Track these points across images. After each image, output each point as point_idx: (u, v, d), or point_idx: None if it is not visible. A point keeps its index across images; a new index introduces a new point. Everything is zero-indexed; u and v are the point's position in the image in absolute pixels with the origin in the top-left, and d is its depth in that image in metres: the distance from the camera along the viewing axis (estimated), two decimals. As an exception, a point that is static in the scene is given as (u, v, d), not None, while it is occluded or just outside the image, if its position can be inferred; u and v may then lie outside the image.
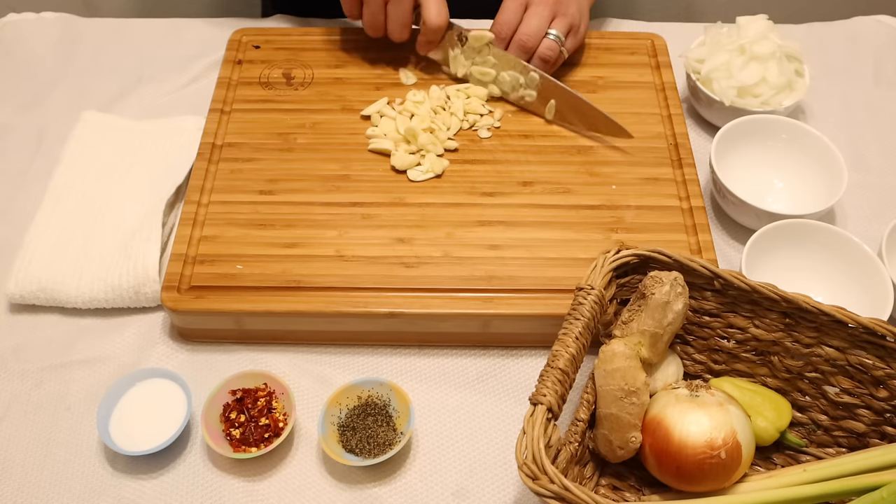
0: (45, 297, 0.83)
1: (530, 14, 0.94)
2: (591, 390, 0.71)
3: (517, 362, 0.82)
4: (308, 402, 0.79)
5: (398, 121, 0.94)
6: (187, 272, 0.82)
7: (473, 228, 0.86)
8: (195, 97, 1.03)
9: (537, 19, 0.94)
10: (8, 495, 0.74)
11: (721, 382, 0.73)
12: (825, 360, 0.72)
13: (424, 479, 0.75)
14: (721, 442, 0.66)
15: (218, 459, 0.76)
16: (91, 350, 0.82)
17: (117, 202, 0.90)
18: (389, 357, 0.82)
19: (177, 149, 0.95)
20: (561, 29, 0.95)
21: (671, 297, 0.70)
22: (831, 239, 0.85)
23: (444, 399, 0.80)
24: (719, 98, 0.96)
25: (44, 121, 1.01)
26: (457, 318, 0.80)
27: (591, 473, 0.72)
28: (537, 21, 0.94)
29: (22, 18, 1.13)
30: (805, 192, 0.93)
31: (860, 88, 1.07)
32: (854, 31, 1.14)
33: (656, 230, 0.86)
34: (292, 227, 0.86)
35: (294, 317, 0.80)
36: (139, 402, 0.77)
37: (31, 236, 0.86)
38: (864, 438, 0.73)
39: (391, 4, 0.95)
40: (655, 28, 1.10)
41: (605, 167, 0.91)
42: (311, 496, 0.74)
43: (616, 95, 0.99)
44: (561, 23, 0.95)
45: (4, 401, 0.79)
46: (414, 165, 0.91)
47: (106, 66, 1.07)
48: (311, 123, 0.95)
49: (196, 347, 0.83)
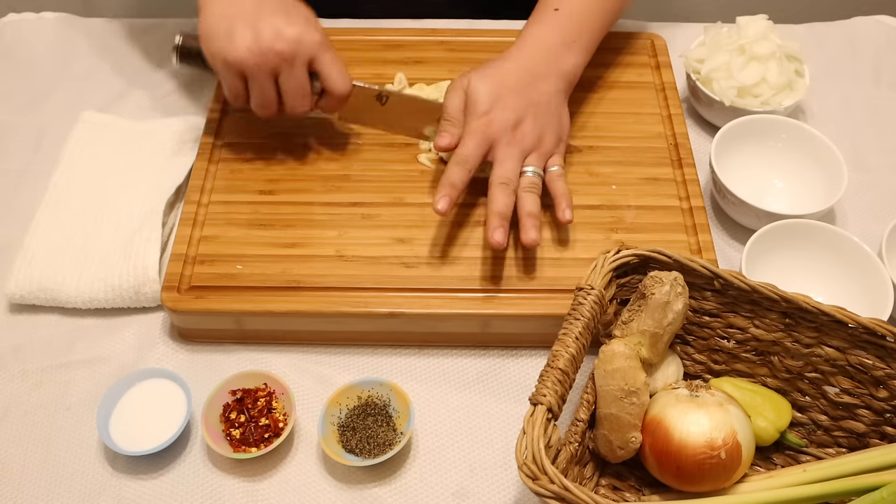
0: (45, 297, 0.83)
1: (502, 157, 0.83)
2: (591, 390, 0.71)
3: (517, 362, 0.82)
4: (308, 402, 0.79)
5: None
6: (187, 272, 0.82)
7: (473, 228, 0.86)
8: (195, 97, 1.03)
9: (511, 162, 0.84)
10: (8, 495, 0.74)
11: (721, 382, 0.73)
12: (825, 361, 0.72)
13: (424, 479, 0.75)
14: (721, 442, 0.66)
15: (218, 459, 0.76)
16: (91, 350, 0.82)
17: (117, 202, 0.90)
18: (389, 357, 0.82)
19: (177, 149, 0.95)
20: (537, 164, 0.85)
21: (671, 297, 0.70)
22: (831, 239, 0.85)
23: (444, 399, 0.80)
24: (719, 98, 0.96)
25: (43, 121, 1.01)
26: (457, 318, 0.80)
27: (591, 474, 0.72)
28: (511, 164, 0.84)
29: (22, 18, 1.13)
30: (805, 192, 0.93)
31: (860, 88, 1.07)
32: (854, 31, 1.14)
33: (656, 230, 0.86)
34: (292, 227, 0.86)
35: (294, 317, 0.80)
36: (139, 402, 0.77)
37: (31, 236, 0.86)
38: (864, 438, 0.73)
39: (283, 76, 0.84)
40: (655, 28, 1.10)
41: (604, 167, 0.91)
42: (311, 496, 0.74)
43: (616, 95, 0.99)
44: (535, 159, 0.85)
45: (4, 401, 0.79)
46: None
47: (106, 66, 1.07)
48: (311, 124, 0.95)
49: (196, 347, 0.83)
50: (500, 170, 0.83)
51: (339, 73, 0.87)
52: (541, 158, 0.86)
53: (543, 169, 0.86)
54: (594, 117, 0.96)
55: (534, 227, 0.81)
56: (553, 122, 0.87)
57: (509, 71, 0.87)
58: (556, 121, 0.87)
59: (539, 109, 0.86)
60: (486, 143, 0.84)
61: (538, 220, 0.82)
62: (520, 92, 0.86)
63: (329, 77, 0.86)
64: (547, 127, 0.86)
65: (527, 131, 0.85)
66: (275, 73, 0.84)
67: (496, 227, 0.80)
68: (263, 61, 0.82)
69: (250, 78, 0.84)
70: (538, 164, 0.85)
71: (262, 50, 0.82)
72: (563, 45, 0.90)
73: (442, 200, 0.80)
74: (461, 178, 0.82)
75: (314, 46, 0.84)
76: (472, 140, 0.83)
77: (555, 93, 0.88)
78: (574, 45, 0.90)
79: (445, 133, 0.85)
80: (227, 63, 0.83)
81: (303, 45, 0.83)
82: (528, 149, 0.85)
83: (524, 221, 0.82)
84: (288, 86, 0.85)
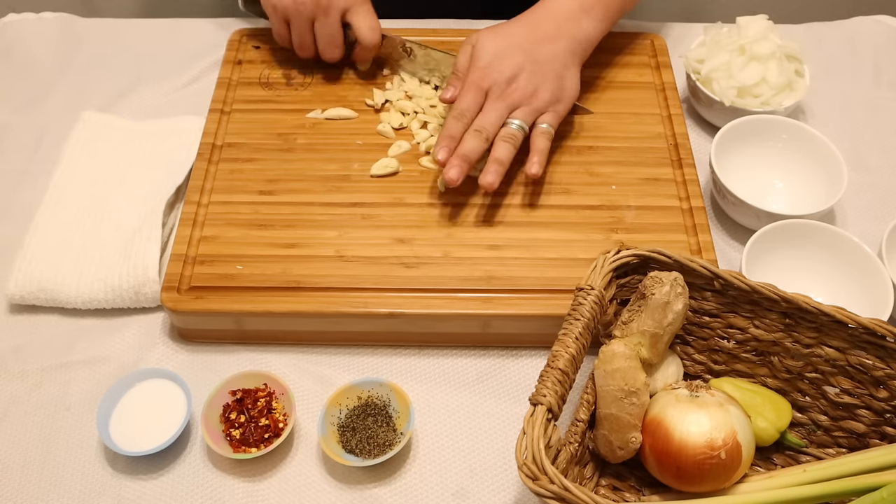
0: (45, 298, 0.83)
1: (487, 108, 0.86)
2: (591, 390, 0.71)
3: (517, 362, 0.82)
4: (308, 402, 0.79)
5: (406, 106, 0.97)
6: (187, 272, 0.82)
7: (473, 228, 0.86)
8: (195, 97, 1.03)
9: (494, 113, 0.86)
10: (8, 495, 0.74)
11: (721, 383, 0.74)
12: (825, 361, 0.72)
13: (424, 479, 0.75)
14: (721, 442, 0.66)
15: (218, 460, 0.76)
16: (91, 350, 0.82)
17: (117, 202, 0.90)
18: (389, 357, 0.82)
19: (177, 149, 0.95)
20: (524, 118, 0.86)
21: (671, 297, 0.70)
22: (831, 239, 0.85)
23: (444, 399, 0.80)
24: (719, 98, 0.96)
25: (44, 121, 1.01)
26: (457, 319, 0.80)
27: (591, 474, 0.72)
28: (494, 115, 0.86)
29: (22, 18, 1.12)
30: (805, 192, 0.93)
31: (860, 88, 1.07)
32: (854, 31, 1.14)
33: (656, 230, 0.86)
34: (292, 228, 0.86)
35: (294, 317, 0.80)
36: (139, 402, 0.77)
37: (31, 236, 0.86)
38: (864, 439, 0.73)
39: (318, 23, 0.94)
40: (655, 28, 1.10)
41: (605, 167, 0.91)
42: (311, 496, 0.74)
43: (616, 95, 0.99)
44: (523, 112, 0.87)
45: (4, 401, 0.79)
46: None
47: (106, 66, 1.07)
48: (311, 123, 0.95)
49: (196, 347, 0.83)
50: (479, 119, 0.86)
51: (370, 26, 0.95)
52: (530, 114, 0.87)
53: (533, 126, 0.88)
54: (594, 117, 0.96)
55: (496, 172, 0.84)
56: (551, 81, 0.88)
57: (518, 29, 0.90)
58: (555, 80, 0.88)
59: (538, 67, 0.88)
60: (480, 95, 0.87)
61: (503, 167, 0.85)
62: (524, 49, 0.88)
63: (360, 28, 0.94)
64: (543, 84, 0.87)
65: (520, 85, 0.87)
66: (312, 19, 0.94)
67: (454, 165, 0.84)
68: (303, 9, 0.93)
69: (291, 21, 0.95)
70: (525, 118, 0.87)
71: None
72: (581, 9, 0.91)
73: (442, 150, 0.84)
74: (459, 131, 0.85)
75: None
76: (468, 93, 0.87)
77: (563, 53, 0.89)
78: (592, 11, 0.92)
79: (450, 87, 0.89)
80: (275, 7, 0.94)
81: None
82: (517, 103, 0.87)
83: (489, 166, 0.85)
84: (321, 32, 0.95)
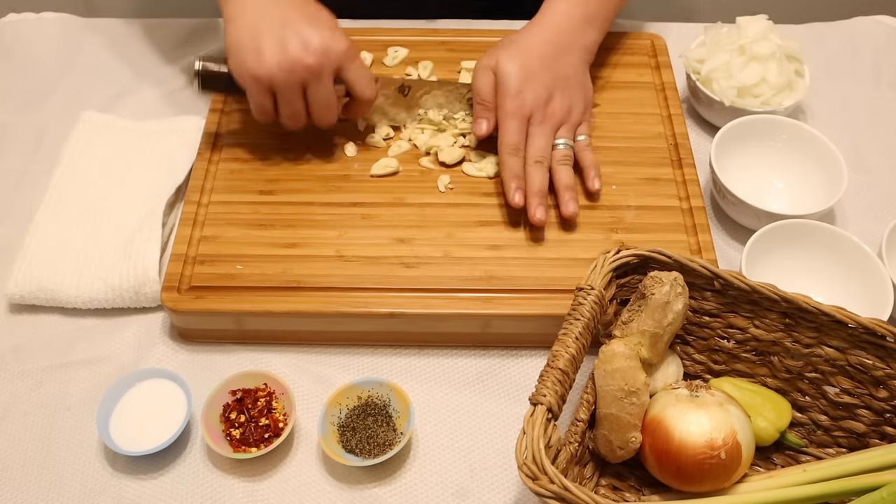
0: (45, 298, 0.83)
1: (534, 135, 0.87)
2: (591, 390, 0.71)
3: (517, 362, 0.82)
4: (308, 402, 0.79)
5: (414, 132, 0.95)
6: (187, 272, 0.82)
7: (473, 228, 0.86)
8: (195, 97, 1.02)
9: (543, 139, 0.87)
10: (8, 495, 0.74)
11: (721, 382, 0.73)
12: (825, 361, 0.72)
13: (424, 479, 0.75)
14: (721, 442, 0.66)
15: (218, 460, 0.76)
16: (91, 350, 0.82)
17: (117, 202, 0.90)
18: (389, 357, 0.82)
19: (177, 149, 0.95)
20: (567, 135, 0.89)
21: (671, 297, 0.70)
22: (831, 239, 0.85)
23: (444, 399, 0.80)
24: (719, 98, 0.96)
25: (44, 121, 1.01)
26: (457, 319, 0.80)
27: (591, 474, 0.72)
28: (543, 141, 0.87)
29: (22, 18, 1.13)
30: (805, 192, 0.93)
31: (860, 88, 1.07)
32: (854, 32, 1.14)
33: (656, 230, 0.86)
34: (292, 227, 0.86)
35: (294, 317, 0.80)
36: (139, 402, 0.77)
37: (31, 236, 0.86)
38: (864, 438, 0.73)
39: (311, 89, 0.84)
40: (655, 28, 1.10)
41: (605, 167, 0.91)
42: (311, 496, 0.74)
43: (616, 95, 0.99)
44: (566, 130, 0.89)
45: (4, 401, 0.79)
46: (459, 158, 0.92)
47: (106, 66, 1.07)
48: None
49: (196, 347, 0.83)
50: (533, 148, 0.86)
51: (366, 80, 0.88)
52: (571, 130, 0.90)
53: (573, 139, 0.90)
54: (594, 117, 0.96)
55: (572, 199, 0.86)
56: (579, 93, 0.90)
57: (535, 46, 0.89)
58: (581, 91, 0.91)
59: (567, 83, 0.89)
60: (524, 123, 0.87)
61: (575, 192, 0.87)
62: (548, 67, 0.88)
63: (355, 85, 0.87)
64: (574, 98, 0.90)
65: (557, 106, 0.88)
66: (303, 86, 0.84)
67: (537, 206, 0.84)
68: (293, 76, 0.82)
69: (279, 92, 0.84)
70: (569, 135, 0.89)
71: (291, 65, 0.82)
72: (585, 19, 0.92)
73: (517, 193, 0.84)
74: (520, 166, 0.85)
75: (340, 56, 0.84)
76: (512, 125, 0.86)
77: (578, 63, 0.91)
78: (594, 20, 0.93)
79: (482, 119, 0.88)
80: (257, 78, 0.82)
81: (330, 56, 0.83)
82: (559, 123, 0.89)
83: (562, 195, 0.86)
84: (315, 98, 0.85)
